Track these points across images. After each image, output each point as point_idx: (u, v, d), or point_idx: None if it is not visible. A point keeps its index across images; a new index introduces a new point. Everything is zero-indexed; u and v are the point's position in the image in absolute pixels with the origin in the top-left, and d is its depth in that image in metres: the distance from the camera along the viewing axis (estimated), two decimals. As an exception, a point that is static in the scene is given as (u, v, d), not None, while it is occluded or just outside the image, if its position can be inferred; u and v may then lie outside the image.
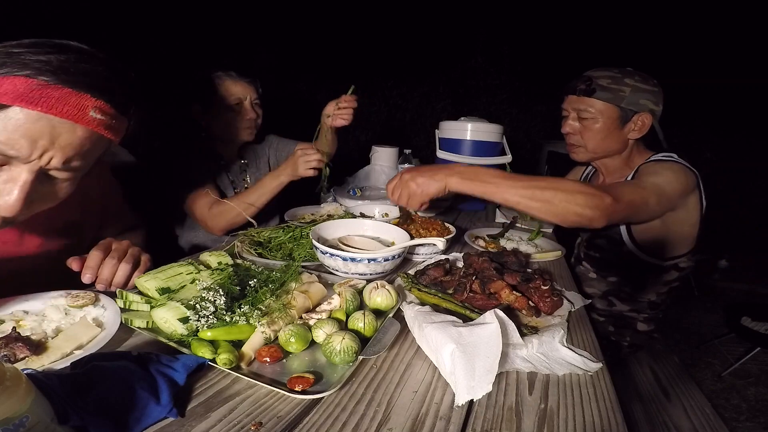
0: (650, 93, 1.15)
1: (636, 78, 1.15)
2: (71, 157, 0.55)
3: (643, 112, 1.15)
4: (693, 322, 2.78)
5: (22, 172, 0.53)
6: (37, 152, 0.52)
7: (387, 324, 0.65)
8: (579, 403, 0.55)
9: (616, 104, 1.15)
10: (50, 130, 0.52)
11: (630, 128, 1.18)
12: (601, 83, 1.16)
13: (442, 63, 4.10)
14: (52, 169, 0.56)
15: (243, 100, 1.39)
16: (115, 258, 0.73)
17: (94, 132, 0.56)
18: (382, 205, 1.39)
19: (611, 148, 1.23)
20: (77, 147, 0.55)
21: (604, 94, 1.16)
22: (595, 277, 1.37)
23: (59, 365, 0.50)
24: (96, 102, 0.54)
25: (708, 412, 1.13)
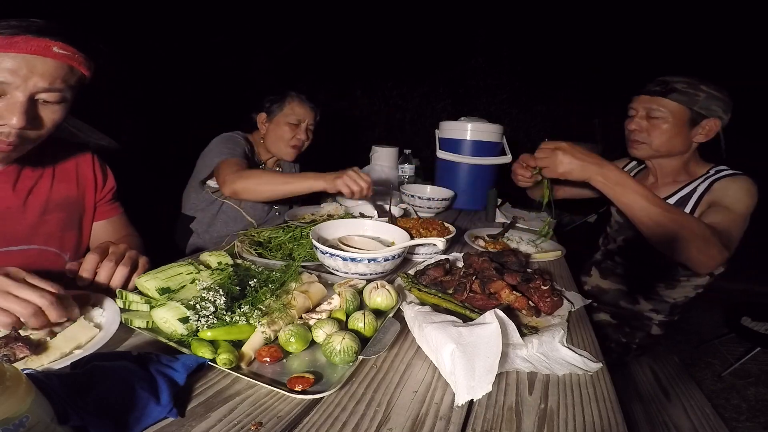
0: (722, 101, 1.17)
1: (711, 86, 1.18)
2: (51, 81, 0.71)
3: (713, 117, 1.18)
4: (693, 322, 2.78)
5: (18, 95, 0.70)
6: (20, 79, 0.68)
7: (387, 324, 0.65)
8: (579, 403, 0.55)
9: (688, 106, 1.18)
10: (26, 63, 0.69)
11: (697, 132, 1.20)
12: (677, 86, 1.19)
13: (442, 63, 4.10)
14: (40, 92, 0.71)
15: (302, 121, 1.58)
16: (112, 261, 0.74)
17: (63, 63, 0.72)
18: (381, 206, 1.39)
19: (675, 149, 1.24)
20: (53, 72, 0.71)
21: (679, 96, 1.18)
22: (623, 273, 1.37)
23: (59, 365, 0.51)
24: (55, 42, 0.71)
25: (708, 412, 1.13)
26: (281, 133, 1.56)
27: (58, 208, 0.91)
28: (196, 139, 1.53)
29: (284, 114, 1.55)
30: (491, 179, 1.74)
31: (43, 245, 0.88)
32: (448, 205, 1.61)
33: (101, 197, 1.02)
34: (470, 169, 1.71)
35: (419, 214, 1.50)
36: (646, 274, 1.32)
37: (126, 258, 0.76)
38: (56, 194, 0.91)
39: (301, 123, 1.58)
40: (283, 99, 1.56)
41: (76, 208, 0.96)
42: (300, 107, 1.57)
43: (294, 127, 1.56)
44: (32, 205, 0.87)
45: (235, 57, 3.30)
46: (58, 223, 0.91)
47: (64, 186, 0.93)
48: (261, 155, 1.64)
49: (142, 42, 2.67)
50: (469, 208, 1.74)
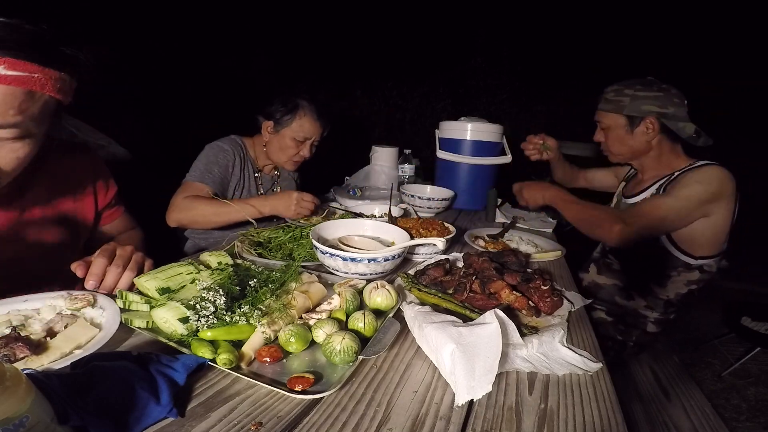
0: (652, 99, 1.24)
1: (637, 87, 1.26)
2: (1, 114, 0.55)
3: (649, 116, 1.25)
4: (693, 322, 2.78)
5: None
6: None
7: (387, 324, 0.65)
8: (579, 403, 0.55)
9: (618, 113, 1.29)
10: None
11: (642, 131, 1.28)
12: (607, 96, 1.32)
13: (442, 63, 4.10)
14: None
15: (309, 138, 1.49)
16: (119, 266, 0.74)
17: (14, 88, 0.55)
18: (382, 205, 1.39)
19: (634, 150, 1.33)
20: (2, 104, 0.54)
21: (608, 105, 1.32)
22: (619, 269, 1.40)
23: (59, 365, 0.50)
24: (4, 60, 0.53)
25: (708, 412, 1.13)
26: (284, 147, 1.47)
27: (55, 224, 0.87)
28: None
29: (292, 129, 1.45)
30: (491, 179, 1.74)
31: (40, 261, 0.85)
32: (448, 205, 1.61)
33: (103, 206, 0.99)
34: (470, 169, 1.71)
35: (419, 214, 1.50)
36: (638, 270, 1.36)
37: (132, 262, 0.76)
38: (53, 211, 0.86)
39: (307, 140, 1.49)
40: (294, 111, 1.45)
41: (75, 222, 0.92)
42: (310, 124, 1.46)
43: (299, 143, 1.48)
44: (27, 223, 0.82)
45: (235, 57, 3.30)
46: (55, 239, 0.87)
47: (61, 201, 0.88)
48: (258, 161, 1.56)
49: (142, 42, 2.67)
50: (469, 208, 1.74)
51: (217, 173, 1.37)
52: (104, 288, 0.72)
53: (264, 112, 1.50)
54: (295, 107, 1.45)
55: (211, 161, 1.38)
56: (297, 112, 1.45)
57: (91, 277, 0.71)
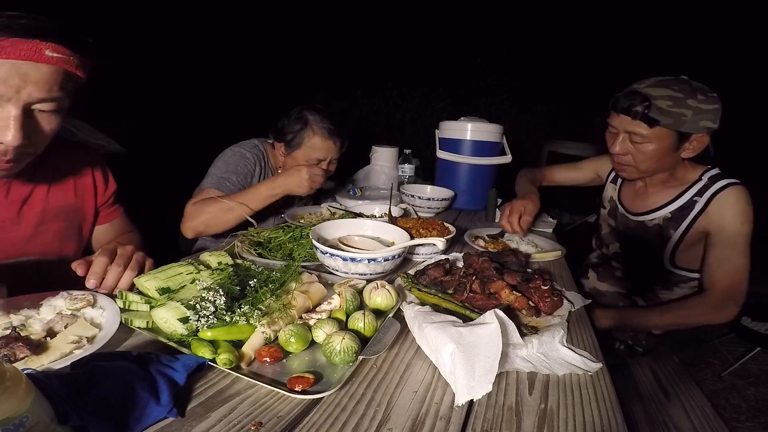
0: (711, 113, 1.05)
1: (699, 97, 1.05)
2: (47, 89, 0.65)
3: (702, 133, 1.08)
4: (693, 322, 2.78)
5: (10, 109, 0.63)
6: (12, 90, 0.62)
7: (387, 324, 0.65)
8: (579, 403, 0.55)
9: (675, 129, 1.06)
10: (16, 70, 0.62)
11: (684, 148, 1.11)
12: (661, 106, 1.05)
13: (442, 63, 4.10)
14: (35, 103, 0.65)
15: (323, 159, 1.37)
16: (120, 265, 0.74)
17: (57, 67, 0.65)
18: (382, 205, 1.39)
19: (662, 169, 1.18)
20: (49, 80, 0.65)
21: (665, 120, 1.05)
22: (621, 276, 1.37)
23: (59, 365, 0.50)
24: (47, 45, 0.63)
25: (708, 412, 1.13)
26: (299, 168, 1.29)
27: (55, 218, 0.88)
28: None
29: (303, 151, 1.34)
30: (491, 179, 1.74)
31: (41, 256, 0.86)
32: (448, 205, 1.61)
33: (102, 202, 1.00)
34: (470, 169, 1.71)
35: (419, 214, 1.50)
36: (645, 277, 1.32)
37: (133, 262, 0.76)
38: (53, 204, 0.87)
39: (321, 162, 1.36)
40: (303, 130, 1.33)
41: (74, 216, 0.93)
42: (322, 143, 1.33)
43: (314, 163, 1.35)
44: (27, 215, 0.83)
45: (235, 57, 3.30)
46: (55, 233, 0.88)
47: (61, 195, 0.89)
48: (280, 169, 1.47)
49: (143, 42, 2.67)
50: (469, 208, 1.74)
51: (236, 181, 1.30)
52: (105, 287, 0.72)
53: (275, 132, 1.41)
54: (303, 125, 1.34)
55: (230, 169, 1.31)
56: (306, 132, 1.34)
57: (92, 276, 0.71)
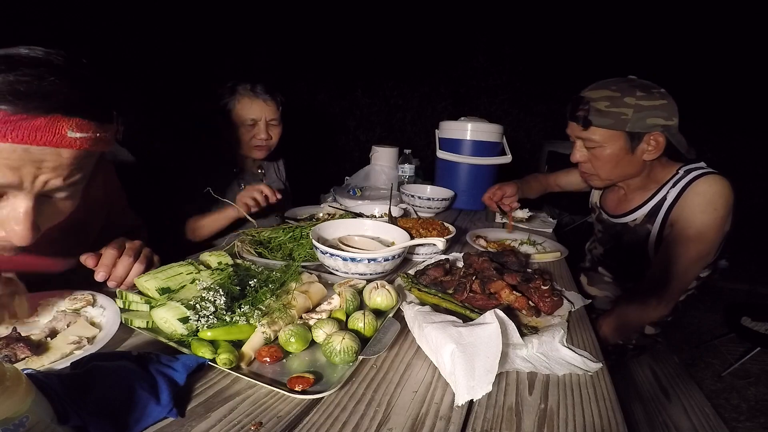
0: (657, 108, 1.03)
1: (638, 93, 1.03)
2: (66, 175, 0.53)
3: (654, 131, 1.05)
4: (693, 322, 2.78)
5: (22, 201, 0.51)
6: (27, 179, 0.50)
7: (387, 324, 0.65)
8: (579, 403, 0.55)
9: (620, 129, 1.05)
10: (31, 157, 0.48)
11: (643, 149, 1.08)
12: (599, 107, 1.05)
13: (443, 63, 4.10)
14: (50, 191, 0.54)
15: (258, 120, 1.38)
16: (130, 257, 0.74)
17: (80, 151, 0.53)
18: (382, 205, 1.39)
19: (627, 173, 1.15)
20: (67, 167, 0.52)
21: (604, 121, 1.05)
22: (611, 281, 1.37)
23: (59, 365, 0.51)
24: (70, 121, 0.50)
25: (708, 412, 1.13)
26: (239, 135, 1.39)
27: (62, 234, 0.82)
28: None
29: (236, 114, 1.37)
30: (491, 179, 1.74)
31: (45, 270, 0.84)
32: (448, 205, 1.61)
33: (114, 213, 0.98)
34: (470, 169, 1.71)
35: (419, 214, 1.50)
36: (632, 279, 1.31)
37: (142, 256, 0.76)
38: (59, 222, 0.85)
39: (257, 122, 1.38)
40: (233, 96, 1.37)
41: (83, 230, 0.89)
42: (251, 104, 1.36)
43: (250, 127, 1.38)
44: None
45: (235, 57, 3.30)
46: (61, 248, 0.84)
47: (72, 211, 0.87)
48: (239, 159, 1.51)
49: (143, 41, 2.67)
50: (469, 208, 1.74)
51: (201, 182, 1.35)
52: (114, 279, 0.72)
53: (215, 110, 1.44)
54: (231, 92, 1.38)
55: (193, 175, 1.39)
56: (234, 96, 1.37)
57: (101, 268, 0.71)
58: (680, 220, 1.09)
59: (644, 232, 1.19)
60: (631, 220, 1.22)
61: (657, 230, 1.16)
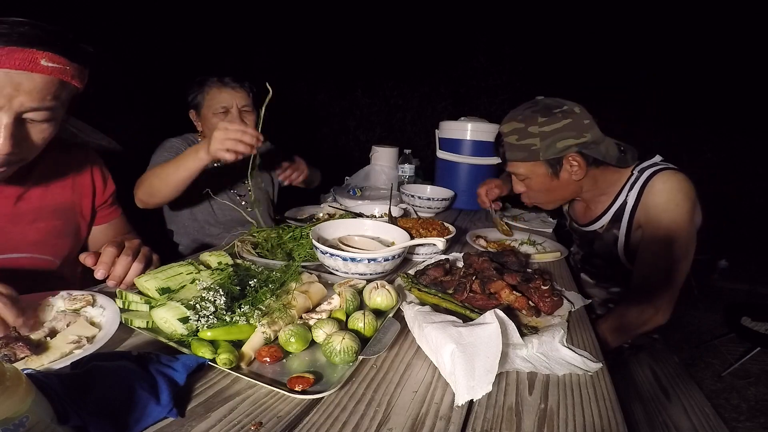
0: (563, 130, 1.02)
1: (539, 119, 1.03)
2: (40, 98, 0.65)
3: (568, 153, 1.04)
4: (693, 322, 2.78)
5: (1, 117, 0.63)
6: (3, 98, 0.62)
7: (387, 324, 0.65)
8: (579, 403, 0.55)
9: (535, 160, 1.06)
10: (10, 80, 0.61)
11: (568, 172, 1.08)
12: (510, 141, 1.07)
13: (443, 63, 4.10)
14: (27, 112, 0.65)
15: (229, 108, 1.38)
16: (129, 255, 0.75)
17: (53, 78, 0.65)
18: (382, 205, 1.39)
19: (564, 196, 1.16)
20: (42, 90, 0.64)
21: (518, 155, 1.07)
22: (594, 285, 1.37)
23: (59, 365, 0.50)
24: (43, 54, 0.63)
25: (708, 412, 1.13)
26: (212, 126, 1.37)
27: (52, 215, 0.88)
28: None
29: (207, 105, 1.38)
30: (491, 179, 1.74)
31: (36, 253, 0.86)
32: (448, 205, 1.61)
33: (101, 202, 1.00)
34: (470, 169, 1.71)
35: (419, 214, 1.50)
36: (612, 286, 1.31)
37: (141, 255, 0.77)
38: (50, 201, 0.87)
39: (229, 109, 1.38)
40: (201, 88, 1.39)
41: (72, 214, 0.93)
42: (220, 92, 1.38)
43: (222, 115, 1.38)
44: (23, 212, 0.83)
45: (236, 56, 3.30)
46: (51, 230, 0.88)
47: (59, 192, 0.89)
48: None
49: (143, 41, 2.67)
50: (469, 208, 1.74)
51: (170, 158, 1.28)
52: (113, 278, 0.73)
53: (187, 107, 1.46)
54: (201, 85, 1.40)
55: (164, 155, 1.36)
56: (203, 88, 1.39)
57: (100, 266, 0.72)
58: (647, 223, 1.08)
59: (612, 237, 1.19)
60: (599, 227, 1.22)
61: (624, 234, 1.15)
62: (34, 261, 0.86)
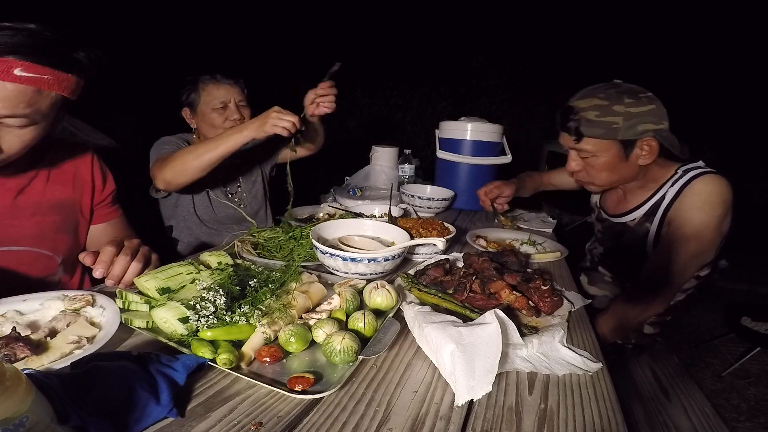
0: (647, 114, 1.03)
1: (626, 100, 1.03)
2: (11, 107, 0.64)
3: (646, 137, 1.05)
4: (693, 322, 2.78)
5: None
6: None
7: (387, 324, 0.65)
8: (579, 403, 0.55)
9: (612, 138, 1.05)
10: None
11: (637, 155, 1.08)
12: (589, 117, 1.05)
13: (444, 63, 4.10)
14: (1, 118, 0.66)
15: (227, 102, 1.42)
16: (127, 255, 0.75)
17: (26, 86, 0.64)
18: (382, 205, 1.39)
19: (623, 179, 1.15)
20: (13, 99, 0.64)
21: (595, 131, 1.05)
22: (611, 280, 1.37)
23: (59, 365, 0.50)
24: (20, 63, 0.62)
25: (708, 412, 1.13)
26: (211, 122, 1.42)
27: (51, 210, 0.89)
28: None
29: (204, 102, 1.41)
30: (491, 179, 1.73)
31: (35, 247, 0.86)
32: (448, 205, 1.61)
33: (99, 200, 1.01)
34: (470, 169, 1.71)
35: (419, 214, 1.50)
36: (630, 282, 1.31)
37: (140, 254, 0.77)
38: (49, 196, 0.89)
39: (227, 104, 1.42)
40: (196, 87, 1.42)
41: (72, 211, 0.94)
42: (217, 88, 1.42)
43: (221, 111, 1.42)
44: (22, 206, 0.85)
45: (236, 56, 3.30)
46: (50, 225, 0.89)
47: (59, 188, 0.91)
48: None
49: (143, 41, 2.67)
50: (469, 208, 1.74)
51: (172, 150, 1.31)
52: (112, 277, 0.73)
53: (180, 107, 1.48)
54: (194, 82, 1.43)
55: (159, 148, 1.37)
56: (198, 85, 1.42)
57: (99, 265, 0.72)
58: (677, 219, 1.10)
59: (643, 231, 1.19)
60: (630, 220, 1.23)
61: (655, 229, 1.16)
62: (33, 255, 0.87)
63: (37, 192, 0.87)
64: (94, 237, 1.02)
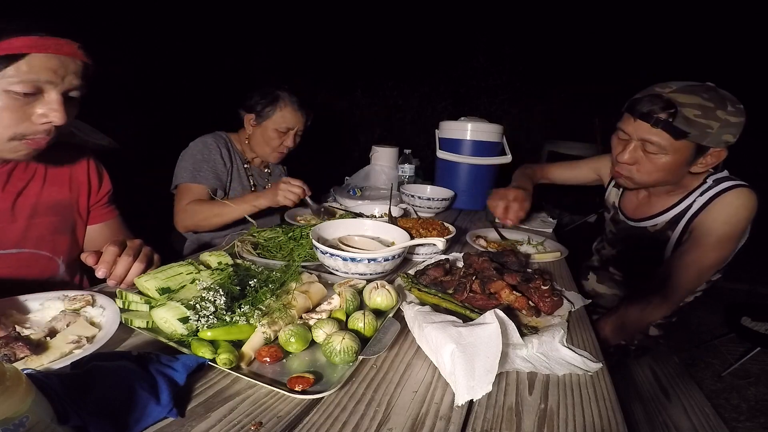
0: (737, 126, 0.97)
1: (729, 108, 0.95)
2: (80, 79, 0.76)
3: (721, 147, 0.99)
4: (693, 322, 2.78)
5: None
6: (59, 78, 0.73)
7: (387, 324, 0.65)
8: (579, 404, 0.55)
9: (697, 141, 0.97)
10: (61, 63, 0.73)
11: (698, 162, 1.02)
12: (688, 115, 0.94)
13: (444, 63, 4.10)
14: (71, 90, 0.76)
15: (291, 129, 1.50)
16: (130, 255, 0.75)
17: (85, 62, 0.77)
18: (382, 205, 1.39)
19: (667, 180, 1.09)
20: (81, 71, 0.76)
21: (690, 130, 0.95)
22: (621, 279, 1.36)
23: (59, 365, 0.50)
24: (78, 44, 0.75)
25: (708, 412, 1.13)
26: (267, 139, 1.49)
27: (49, 211, 0.90)
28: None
29: (274, 120, 1.47)
30: (491, 179, 1.74)
31: (35, 249, 0.87)
32: (448, 205, 1.61)
33: (96, 201, 1.01)
34: (470, 169, 1.71)
35: (419, 214, 1.50)
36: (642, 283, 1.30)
37: (142, 255, 0.77)
38: (47, 197, 0.89)
39: (290, 131, 1.50)
40: (274, 103, 1.46)
41: (69, 211, 0.95)
42: (292, 115, 1.48)
43: (282, 134, 1.49)
44: (21, 208, 0.85)
45: (235, 56, 3.30)
46: (48, 226, 0.90)
47: (56, 189, 0.91)
48: (246, 153, 1.58)
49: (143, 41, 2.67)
50: (469, 208, 1.74)
51: (207, 170, 1.40)
52: (114, 277, 0.73)
53: (245, 106, 1.51)
54: (275, 99, 1.46)
55: (197, 159, 1.40)
56: (278, 104, 1.46)
57: (102, 265, 0.72)
58: (701, 227, 1.09)
59: (664, 238, 1.17)
60: (650, 225, 1.20)
61: (677, 237, 1.15)
62: (34, 257, 0.87)
63: (34, 193, 0.87)
64: (90, 237, 1.02)
